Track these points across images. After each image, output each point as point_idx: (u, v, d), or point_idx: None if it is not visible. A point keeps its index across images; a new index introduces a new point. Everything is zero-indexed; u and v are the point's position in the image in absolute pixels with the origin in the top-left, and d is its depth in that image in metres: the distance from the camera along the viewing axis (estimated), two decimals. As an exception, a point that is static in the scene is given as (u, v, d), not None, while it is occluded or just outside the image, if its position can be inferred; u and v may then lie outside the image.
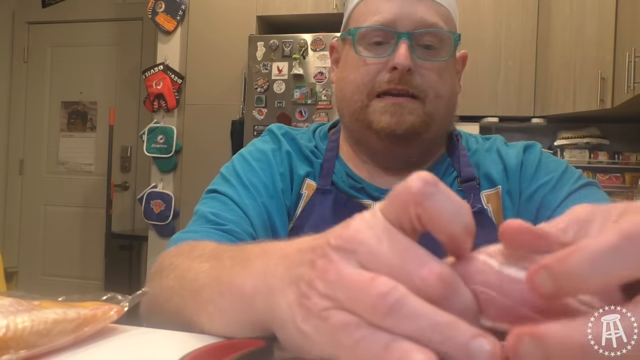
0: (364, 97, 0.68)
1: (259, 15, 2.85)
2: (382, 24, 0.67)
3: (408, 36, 0.66)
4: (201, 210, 0.71)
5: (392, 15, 0.67)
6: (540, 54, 2.62)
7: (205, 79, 2.94)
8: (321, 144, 0.78)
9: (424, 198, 0.25)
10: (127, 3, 3.63)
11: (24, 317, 0.40)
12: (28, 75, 3.84)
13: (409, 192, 0.25)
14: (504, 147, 0.77)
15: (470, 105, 2.66)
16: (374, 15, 0.68)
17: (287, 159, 0.75)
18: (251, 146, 0.78)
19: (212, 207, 0.70)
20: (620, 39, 2.27)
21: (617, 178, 2.63)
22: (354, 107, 0.70)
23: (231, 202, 0.70)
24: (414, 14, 0.67)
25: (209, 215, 0.68)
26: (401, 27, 0.67)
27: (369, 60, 0.68)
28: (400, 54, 0.65)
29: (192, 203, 0.79)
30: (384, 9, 0.67)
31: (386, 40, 0.68)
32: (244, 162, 0.74)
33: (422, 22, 0.67)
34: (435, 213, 0.25)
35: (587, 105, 2.41)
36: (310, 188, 0.73)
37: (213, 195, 0.73)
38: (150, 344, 0.46)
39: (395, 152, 0.72)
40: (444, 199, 0.25)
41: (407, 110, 0.67)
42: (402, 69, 0.65)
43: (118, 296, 0.52)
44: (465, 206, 0.26)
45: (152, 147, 2.95)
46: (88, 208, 3.66)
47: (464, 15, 2.73)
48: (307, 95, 2.63)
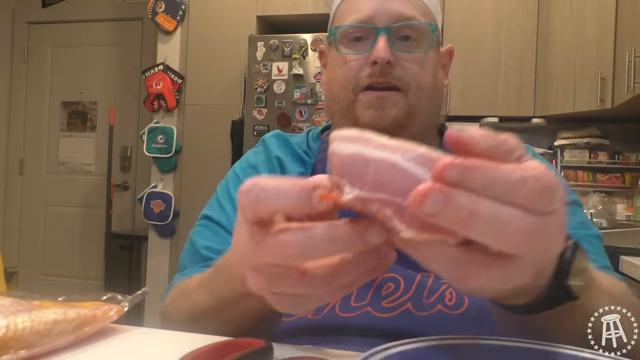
0: (349, 93, 0.70)
1: (259, 15, 2.85)
2: (361, 21, 0.70)
3: (386, 30, 0.68)
4: (196, 242, 0.73)
5: (369, 12, 0.69)
6: (540, 54, 2.62)
7: (205, 79, 2.94)
8: (314, 145, 0.80)
9: (251, 205, 0.30)
10: (127, 3, 3.62)
11: (24, 317, 0.40)
12: (28, 75, 3.84)
13: (242, 208, 0.31)
14: None
15: (470, 105, 2.66)
16: (352, 14, 0.71)
17: (278, 165, 0.76)
18: (244, 161, 0.80)
19: (205, 239, 0.72)
20: (620, 39, 2.27)
21: (617, 178, 2.63)
22: (342, 105, 0.71)
23: (223, 231, 0.72)
24: (391, 9, 0.69)
25: (202, 250, 0.71)
26: (379, 22, 0.69)
27: (350, 57, 0.70)
28: (379, 47, 0.67)
29: (192, 203, 0.80)
30: (362, 6, 0.70)
31: (366, 37, 0.70)
32: (236, 179, 0.77)
33: (399, 15, 0.69)
34: (267, 210, 0.30)
35: (587, 105, 2.41)
36: None
37: (207, 224, 0.74)
38: (150, 344, 0.46)
39: None
40: (264, 194, 0.30)
41: (390, 104, 0.68)
42: (381, 62, 0.67)
43: (118, 296, 0.52)
44: (284, 185, 0.29)
45: (152, 147, 2.95)
46: (88, 208, 3.66)
47: (464, 15, 2.75)
48: (307, 95, 2.63)
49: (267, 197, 0.29)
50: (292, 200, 0.29)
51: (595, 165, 2.65)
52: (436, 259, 0.26)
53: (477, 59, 2.67)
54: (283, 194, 0.29)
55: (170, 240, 3.00)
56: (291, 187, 0.29)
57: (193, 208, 2.87)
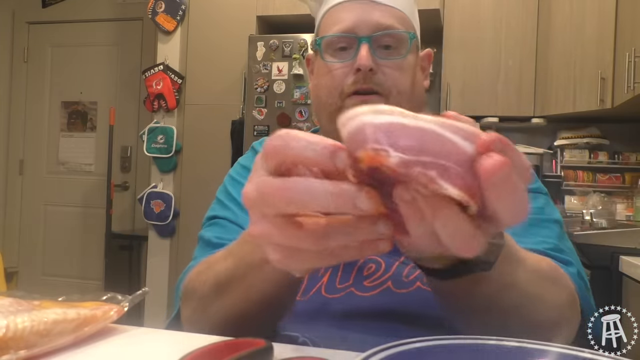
0: (336, 99, 0.74)
1: (259, 15, 2.85)
2: (343, 31, 0.74)
3: (367, 39, 0.73)
4: (205, 236, 0.76)
5: (351, 23, 0.74)
6: (540, 53, 2.62)
7: (205, 79, 2.94)
8: None
9: (279, 152, 0.31)
10: (127, 3, 3.63)
11: (24, 317, 0.40)
12: (28, 75, 3.84)
13: (267, 154, 0.32)
14: None
15: (470, 105, 2.66)
16: (335, 25, 0.75)
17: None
18: (237, 166, 0.85)
19: (214, 232, 0.75)
20: (620, 38, 2.27)
21: (617, 178, 2.63)
22: (330, 110, 0.75)
23: (230, 223, 0.76)
24: (371, 19, 0.73)
25: (213, 239, 0.74)
26: (360, 32, 0.73)
27: (335, 65, 0.75)
28: (362, 55, 0.71)
29: (192, 203, 0.81)
30: (344, 17, 0.75)
31: (349, 46, 0.74)
32: (234, 182, 0.81)
33: (379, 25, 0.73)
34: (293, 158, 0.31)
35: (587, 105, 2.41)
36: None
37: (213, 222, 0.78)
38: (150, 344, 0.46)
39: None
40: (295, 144, 0.31)
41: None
42: (364, 69, 0.71)
43: (118, 296, 0.52)
44: (315, 141, 0.30)
45: (152, 147, 2.95)
46: (88, 208, 3.66)
47: (464, 15, 2.75)
48: (307, 95, 2.63)
49: (296, 146, 0.31)
50: (319, 156, 0.30)
51: (595, 165, 2.66)
52: (450, 224, 0.29)
53: (477, 59, 2.67)
54: (312, 148, 0.30)
55: (170, 240, 3.00)
56: (321, 143, 0.31)
57: (193, 208, 2.87)
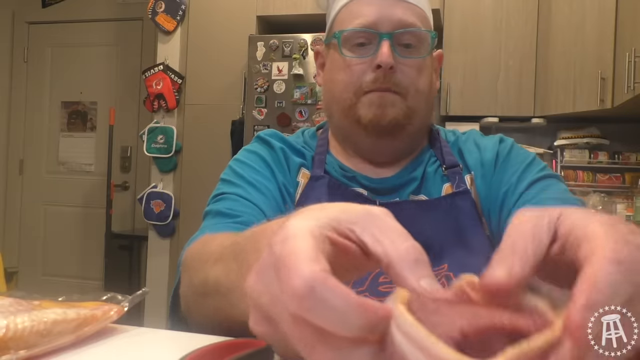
0: (352, 95, 0.73)
1: (259, 15, 2.85)
2: (365, 26, 0.72)
3: (389, 36, 0.70)
4: (214, 208, 0.72)
5: (373, 18, 0.71)
6: (541, 53, 2.62)
7: (205, 79, 2.94)
8: (310, 142, 0.83)
9: (302, 313, 0.23)
10: (127, 3, 3.62)
11: (24, 317, 0.40)
12: (28, 75, 3.84)
13: (288, 307, 0.24)
14: (481, 138, 0.82)
15: (470, 105, 2.66)
16: (356, 19, 0.73)
17: (282, 153, 0.79)
18: (243, 151, 0.82)
19: (225, 205, 0.72)
20: (620, 38, 2.27)
21: (617, 178, 2.63)
22: (344, 105, 0.74)
23: (242, 199, 0.72)
24: (393, 15, 0.71)
25: (223, 210, 0.70)
26: (382, 28, 0.71)
27: (354, 61, 0.73)
28: (383, 52, 0.69)
29: (192, 203, 0.80)
30: (365, 12, 0.72)
31: (369, 41, 0.72)
32: (242, 164, 0.78)
33: (401, 22, 0.71)
34: (318, 324, 0.23)
35: (587, 105, 2.41)
36: (305, 176, 0.78)
37: (222, 197, 0.74)
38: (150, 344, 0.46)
39: (381, 146, 0.76)
40: (324, 309, 0.23)
41: (390, 102, 0.71)
42: (385, 66, 0.69)
43: (118, 296, 0.52)
44: (353, 308, 0.23)
45: (152, 147, 2.95)
46: (88, 208, 3.66)
47: (464, 15, 2.75)
48: (307, 95, 2.63)
49: (328, 314, 0.23)
50: (351, 329, 0.23)
51: (595, 165, 2.66)
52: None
53: (477, 59, 2.67)
54: (345, 319, 0.23)
55: (170, 240, 3.00)
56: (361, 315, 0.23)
57: (193, 208, 2.87)
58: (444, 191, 0.75)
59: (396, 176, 0.77)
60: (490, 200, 0.74)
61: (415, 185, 0.75)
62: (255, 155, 0.79)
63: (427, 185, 0.76)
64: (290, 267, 0.24)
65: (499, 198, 0.73)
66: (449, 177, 0.76)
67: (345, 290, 0.23)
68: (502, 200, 0.73)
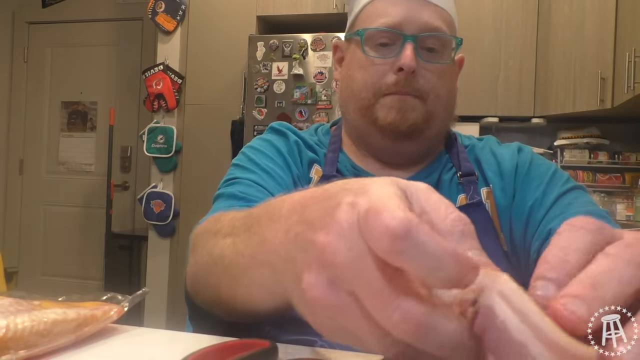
0: (370, 95, 0.71)
1: (259, 15, 2.85)
2: (389, 26, 0.70)
3: (413, 39, 0.69)
4: (227, 191, 0.69)
5: (399, 18, 0.70)
6: (540, 53, 2.62)
7: (205, 79, 2.94)
8: (324, 139, 0.81)
9: (393, 256, 0.22)
10: (127, 3, 3.62)
11: (24, 317, 0.40)
12: (28, 75, 3.84)
13: (378, 248, 0.23)
14: (498, 147, 0.79)
15: (470, 105, 2.66)
16: (381, 18, 0.71)
17: (296, 146, 0.77)
18: (258, 139, 0.79)
19: (237, 188, 0.69)
20: (620, 38, 2.27)
21: (617, 178, 2.62)
22: (362, 104, 0.72)
23: (255, 184, 0.69)
24: (420, 18, 0.69)
25: (237, 193, 0.68)
26: (407, 29, 0.69)
27: (376, 61, 0.71)
28: (407, 55, 0.68)
29: (192, 203, 0.79)
30: (391, 12, 0.70)
31: (392, 42, 0.71)
32: (256, 151, 0.75)
33: (427, 26, 0.70)
34: (410, 269, 0.23)
35: (587, 105, 2.41)
36: (317, 173, 0.76)
37: (235, 181, 0.71)
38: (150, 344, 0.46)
39: (397, 149, 0.74)
40: (419, 253, 0.22)
41: (410, 107, 0.70)
42: (407, 69, 0.68)
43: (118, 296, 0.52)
44: (448, 255, 0.22)
45: (152, 147, 2.95)
46: (88, 208, 3.66)
47: (463, 15, 2.73)
48: (307, 95, 2.63)
49: (418, 254, 0.22)
50: (447, 271, 0.22)
51: (595, 165, 2.65)
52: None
53: (477, 59, 2.67)
54: (444, 262, 0.22)
55: (170, 240, 3.00)
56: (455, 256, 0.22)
57: (193, 208, 2.87)
58: (458, 202, 0.72)
59: (410, 179, 0.75)
60: (512, 213, 0.71)
61: None
62: (269, 144, 0.77)
63: (442, 194, 0.73)
64: (383, 212, 0.23)
65: (524, 212, 0.70)
66: (464, 187, 0.73)
67: (440, 238, 0.23)
68: (527, 214, 0.70)
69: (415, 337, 0.23)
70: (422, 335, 0.23)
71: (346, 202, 0.26)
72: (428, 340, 0.23)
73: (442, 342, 0.23)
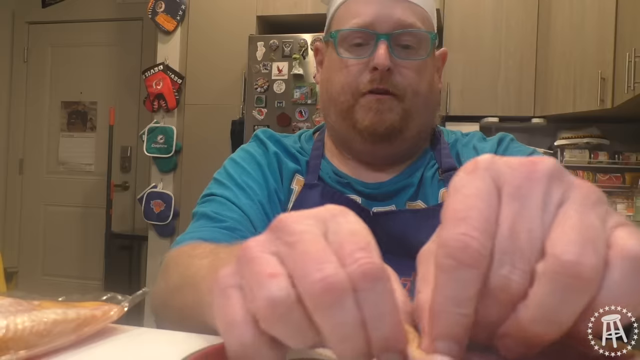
0: (349, 97, 0.71)
1: (259, 15, 2.85)
2: (361, 26, 0.70)
3: (387, 37, 0.69)
4: (201, 210, 0.73)
5: (370, 18, 0.69)
6: (541, 53, 2.62)
7: (205, 79, 2.94)
8: (306, 145, 0.82)
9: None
10: (127, 3, 3.62)
11: (24, 317, 0.40)
12: (28, 75, 3.84)
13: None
14: (480, 142, 0.79)
15: (470, 105, 2.66)
16: (353, 18, 0.71)
17: (275, 159, 0.78)
18: (240, 151, 0.81)
19: (212, 207, 0.72)
20: (620, 39, 2.27)
21: (617, 178, 2.63)
22: (341, 107, 0.73)
23: (229, 202, 0.72)
24: (392, 15, 0.69)
25: (210, 213, 0.70)
26: (380, 28, 0.69)
27: (350, 62, 0.71)
28: (380, 54, 0.67)
29: (192, 203, 0.80)
30: (363, 11, 0.70)
31: (366, 42, 0.70)
32: (236, 165, 0.77)
33: (400, 23, 0.69)
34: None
35: (587, 105, 2.41)
36: (299, 183, 0.77)
37: (210, 198, 0.74)
38: (150, 344, 0.46)
39: (377, 152, 0.75)
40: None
41: (387, 107, 0.70)
42: (382, 68, 0.68)
43: (118, 296, 0.52)
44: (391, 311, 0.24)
45: (152, 147, 2.95)
46: (88, 208, 3.66)
47: (463, 15, 2.74)
48: (307, 95, 2.63)
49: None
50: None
51: (596, 165, 2.65)
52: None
53: (477, 59, 2.67)
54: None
55: (170, 240, 2.99)
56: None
57: (193, 208, 2.87)
58: (440, 197, 0.72)
59: (393, 180, 0.75)
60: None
61: (412, 191, 0.73)
62: (250, 156, 0.78)
63: (425, 191, 0.74)
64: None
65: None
66: (445, 182, 0.73)
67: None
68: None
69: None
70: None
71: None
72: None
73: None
